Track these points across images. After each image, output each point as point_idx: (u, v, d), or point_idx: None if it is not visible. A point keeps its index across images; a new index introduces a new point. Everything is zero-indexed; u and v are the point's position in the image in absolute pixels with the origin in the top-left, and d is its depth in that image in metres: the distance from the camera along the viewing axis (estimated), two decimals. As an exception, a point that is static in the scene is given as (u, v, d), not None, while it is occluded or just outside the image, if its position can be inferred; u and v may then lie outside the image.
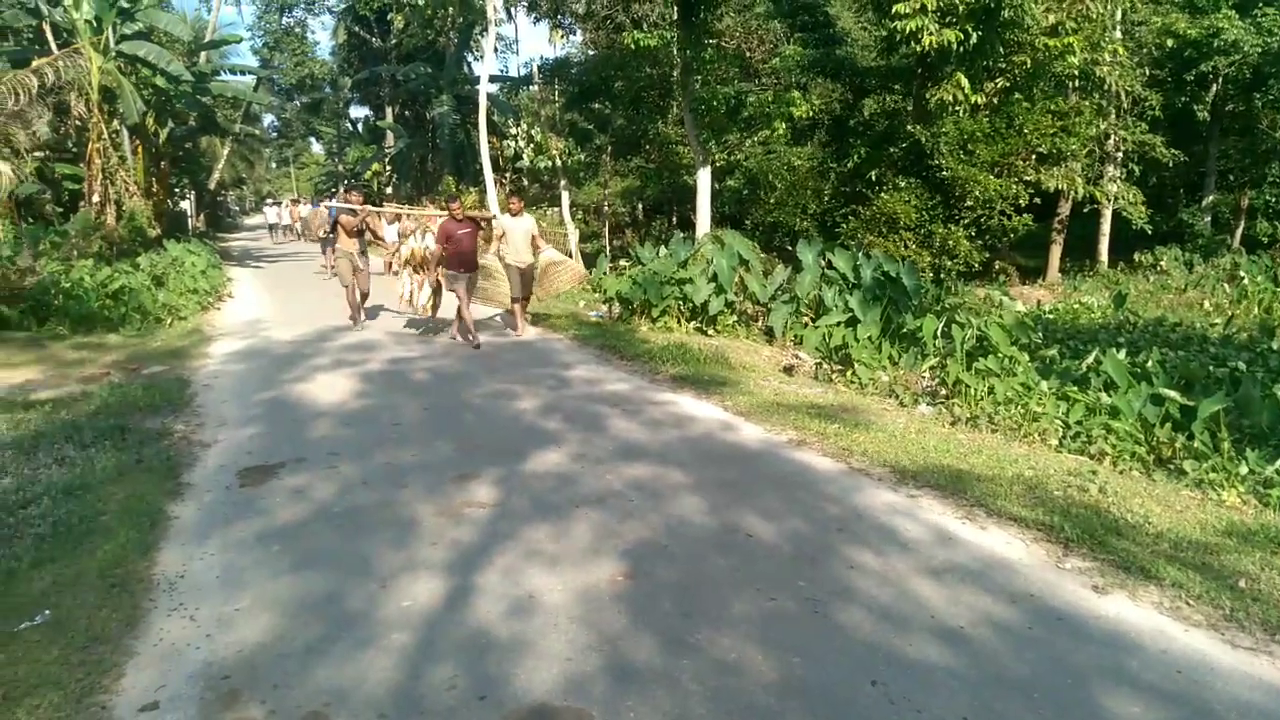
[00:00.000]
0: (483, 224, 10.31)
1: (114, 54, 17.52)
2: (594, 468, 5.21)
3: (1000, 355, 7.81)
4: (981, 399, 7.07)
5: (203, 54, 24.62)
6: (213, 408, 6.82)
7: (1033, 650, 3.13)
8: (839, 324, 9.50)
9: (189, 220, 31.95)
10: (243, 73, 25.22)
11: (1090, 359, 7.88)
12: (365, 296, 11.00)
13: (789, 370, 8.97)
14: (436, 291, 10.53)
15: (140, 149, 19.24)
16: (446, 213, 9.89)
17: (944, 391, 7.73)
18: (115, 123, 17.59)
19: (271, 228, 34.71)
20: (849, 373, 8.42)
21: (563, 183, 21.78)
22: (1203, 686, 2.92)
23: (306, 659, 2.98)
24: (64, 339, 10.08)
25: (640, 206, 32.11)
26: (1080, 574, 3.80)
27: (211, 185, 37.74)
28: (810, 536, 4.12)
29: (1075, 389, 6.96)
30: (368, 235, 10.96)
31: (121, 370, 8.37)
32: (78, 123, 17.56)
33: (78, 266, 11.77)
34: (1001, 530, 4.31)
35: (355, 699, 2.77)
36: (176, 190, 29.16)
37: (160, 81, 17.96)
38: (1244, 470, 5.34)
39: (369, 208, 11.13)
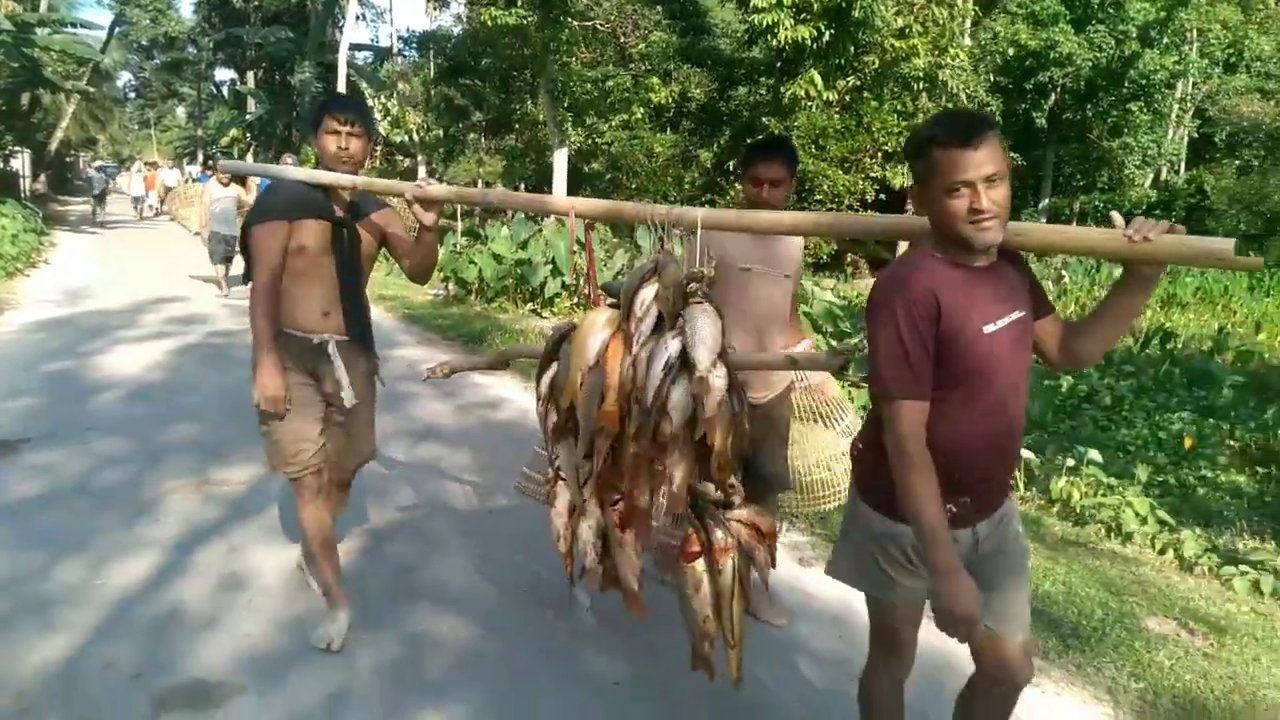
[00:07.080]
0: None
1: (-80, -4, 16.06)
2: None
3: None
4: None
5: (43, 4, 22.84)
6: (-19, 380, 6.40)
7: None
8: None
9: (22, 181, 29.45)
10: (77, 25, 23.50)
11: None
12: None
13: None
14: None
15: (-49, 102, 17.71)
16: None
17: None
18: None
19: (97, 197, 26.75)
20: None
21: (420, 158, 21.32)
22: None
23: (-34, 642, 2.85)
24: None
25: (521, 187, 31.68)
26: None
27: (53, 145, 35.04)
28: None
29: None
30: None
31: (-111, 340, 7.74)
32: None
33: None
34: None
35: None
36: (3, 149, 26.87)
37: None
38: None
39: (433, 185, 2.74)
